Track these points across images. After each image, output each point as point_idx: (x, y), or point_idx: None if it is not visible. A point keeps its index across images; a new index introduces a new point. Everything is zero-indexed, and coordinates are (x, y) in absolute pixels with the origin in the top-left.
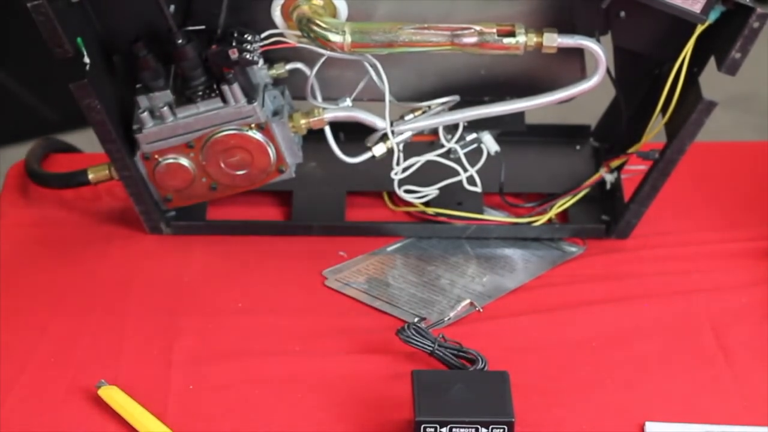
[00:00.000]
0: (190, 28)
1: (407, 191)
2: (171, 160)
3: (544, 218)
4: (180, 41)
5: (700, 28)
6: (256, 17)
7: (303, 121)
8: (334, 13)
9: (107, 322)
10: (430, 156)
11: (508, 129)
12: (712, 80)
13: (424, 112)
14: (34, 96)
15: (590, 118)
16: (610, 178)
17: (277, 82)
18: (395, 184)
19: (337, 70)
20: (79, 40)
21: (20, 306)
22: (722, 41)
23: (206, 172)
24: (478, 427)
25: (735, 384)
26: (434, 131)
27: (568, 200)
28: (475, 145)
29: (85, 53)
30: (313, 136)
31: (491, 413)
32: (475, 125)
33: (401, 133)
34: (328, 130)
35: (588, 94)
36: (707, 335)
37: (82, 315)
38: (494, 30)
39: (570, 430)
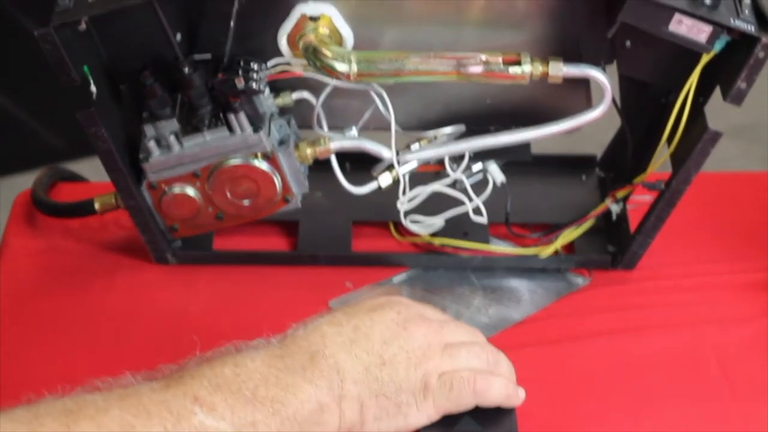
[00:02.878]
0: (197, 56)
1: (413, 221)
2: (177, 190)
3: (550, 249)
4: (187, 70)
5: (705, 58)
6: (262, 46)
7: (309, 151)
8: (340, 42)
9: (113, 352)
10: (436, 186)
11: (513, 159)
12: (717, 109)
13: (429, 142)
14: (40, 124)
15: (596, 148)
16: (615, 208)
17: (283, 111)
18: (401, 214)
19: (343, 99)
20: (85, 68)
21: (25, 335)
22: (728, 71)
23: (212, 201)
24: None
25: (740, 416)
26: (440, 161)
27: (574, 231)
28: (480, 176)
29: (91, 81)
30: (319, 166)
31: None
32: (480, 155)
33: (407, 163)
34: (334, 159)
35: (594, 123)
36: (713, 367)
37: (88, 344)
38: (500, 59)
39: None
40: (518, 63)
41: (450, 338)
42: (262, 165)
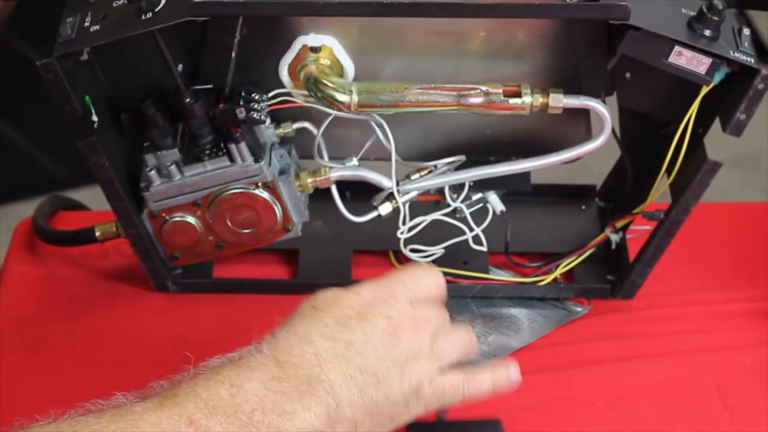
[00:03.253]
0: (198, 87)
1: (413, 250)
2: (178, 218)
3: (549, 278)
4: (188, 100)
5: (705, 90)
6: (263, 77)
7: (309, 180)
8: (341, 73)
9: (113, 379)
10: (436, 215)
11: (513, 189)
12: (717, 139)
13: (430, 172)
14: (42, 152)
15: (596, 178)
16: (615, 238)
17: (283, 140)
18: (401, 243)
19: (344, 129)
20: (87, 98)
21: (25, 362)
22: (727, 102)
23: (213, 230)
24: None
25: None
26: (440, 191)
27: (574, 260)
28: (480, 205)
29: (93, 111)
30: (320, 195)
31: None
32: (480, 185)
33: (407, 193)
34: (334, 189)
35: (593, 153)
36: (713, 395)
37: (88, 372)
38: (500, 90)
39: None
40: (518, 94)
41: (430, 325)
42: (263, 194)
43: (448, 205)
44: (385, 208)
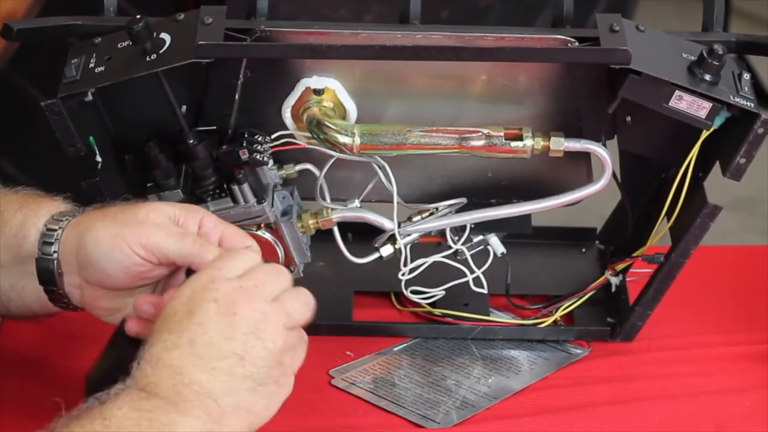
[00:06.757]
0: (202, 128)
1: (414, 292)
2: None
3: (549, 320)
4: (191, 141)
5: (705, 134)
6: (266, 118)
7: (311, 222)
8: (344, 115)
9: None
10: (437, 257)
11: (514, 231)
12: (717, 183)
13: (431, 214)
14: (44, 191)
15: (596, 221)
16: (615, 280)
17: (286, 182)
18: (402, 284)
19: (346, 171)
20: (91, 138)
21: (27, 400)
22: (727, 146)
23: None
24: None
25: None
26: (441, 232)
27: (574, 302)
28: (481, 247)
29: (97, 152)
30: (322, 236)
31: None
32: (481, 227)
33: (409, 234)
34: (336, 230)
35: (594, 196)
36: None
37: None
38: (502, 133)
39: None
40: (520, 137)
41: (266, 290)
42: (265, 235)
43: (449, 247)
44: (386, 250)
